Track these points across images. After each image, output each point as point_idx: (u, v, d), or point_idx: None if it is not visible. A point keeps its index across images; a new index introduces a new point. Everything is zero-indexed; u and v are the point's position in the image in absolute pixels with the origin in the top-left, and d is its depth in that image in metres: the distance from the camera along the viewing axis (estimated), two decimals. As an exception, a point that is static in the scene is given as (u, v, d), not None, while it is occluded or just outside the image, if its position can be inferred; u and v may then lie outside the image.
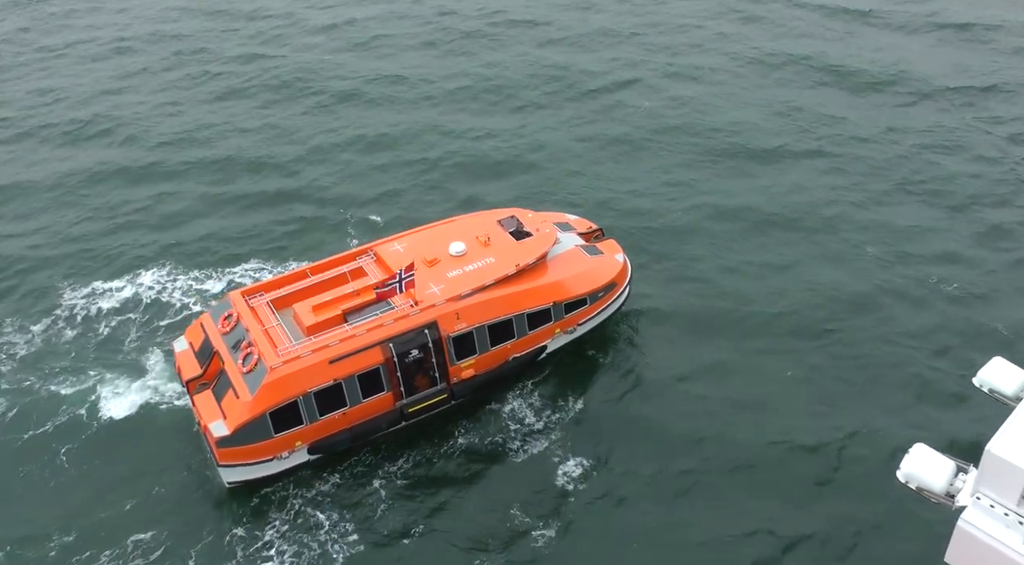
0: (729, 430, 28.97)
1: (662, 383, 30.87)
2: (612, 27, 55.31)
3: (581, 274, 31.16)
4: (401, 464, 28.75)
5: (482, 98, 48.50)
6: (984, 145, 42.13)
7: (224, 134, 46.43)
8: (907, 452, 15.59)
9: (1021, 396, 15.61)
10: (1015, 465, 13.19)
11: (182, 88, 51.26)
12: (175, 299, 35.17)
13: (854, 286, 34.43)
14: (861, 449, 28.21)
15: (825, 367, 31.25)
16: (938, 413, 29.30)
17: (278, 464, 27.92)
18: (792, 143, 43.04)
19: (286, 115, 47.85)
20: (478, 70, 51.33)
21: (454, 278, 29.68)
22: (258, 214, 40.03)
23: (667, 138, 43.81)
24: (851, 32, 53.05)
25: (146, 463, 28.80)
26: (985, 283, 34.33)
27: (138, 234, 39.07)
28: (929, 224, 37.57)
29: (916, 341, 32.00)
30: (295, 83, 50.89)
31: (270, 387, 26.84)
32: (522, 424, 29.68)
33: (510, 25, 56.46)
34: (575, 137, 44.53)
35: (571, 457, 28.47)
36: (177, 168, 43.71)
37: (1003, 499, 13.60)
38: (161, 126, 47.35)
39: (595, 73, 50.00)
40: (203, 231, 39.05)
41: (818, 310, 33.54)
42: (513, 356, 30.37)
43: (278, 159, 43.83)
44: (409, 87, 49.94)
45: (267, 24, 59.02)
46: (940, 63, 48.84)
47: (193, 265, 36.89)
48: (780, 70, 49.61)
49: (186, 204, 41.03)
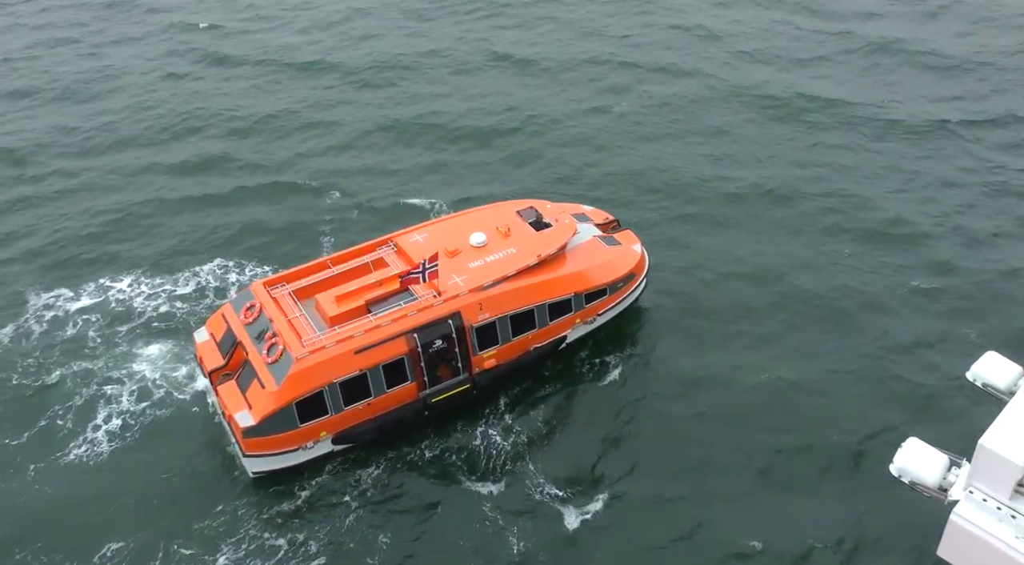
0: (717, 444, 28.76)
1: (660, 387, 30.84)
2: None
3: (601, 264, 31.30)
4: (426, 453, 28.91)
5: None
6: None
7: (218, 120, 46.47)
8: (900, 446, 15.62)
9: (1014, 390, 15.55)
10: (1008, 459, 13.18)
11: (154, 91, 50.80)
12: (175, 296, 35.04)
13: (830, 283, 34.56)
14: (866, 445, 28.31)
15: (822, 361, 31.30)
16: (931, 408, 29.35)
17: (303, 454, 27.95)
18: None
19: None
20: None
21: (476, 268, 29.75)
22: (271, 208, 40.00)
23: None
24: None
25: (163, 458, 28.76)
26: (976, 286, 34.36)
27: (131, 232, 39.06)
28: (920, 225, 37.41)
29: (911, 339, 32.09)
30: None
31: (296, 377, 26.86)
32: (524, 428, 29.71)
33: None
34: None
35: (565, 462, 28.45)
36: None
37: (996, 493, 13.58)
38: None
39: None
40: (208, 225, 39.01)
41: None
42: (534, 346, 30.50)
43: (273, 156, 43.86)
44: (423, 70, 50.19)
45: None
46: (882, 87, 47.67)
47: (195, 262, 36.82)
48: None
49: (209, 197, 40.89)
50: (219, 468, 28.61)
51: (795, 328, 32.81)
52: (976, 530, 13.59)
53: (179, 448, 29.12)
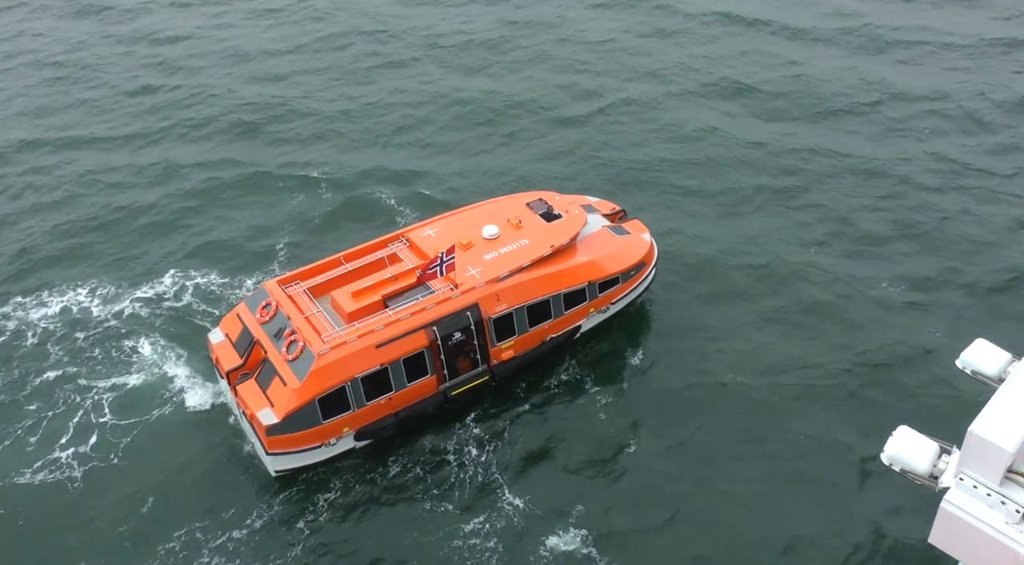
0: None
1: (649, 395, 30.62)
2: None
3: (613, 254, 31.46)
4: (449, 449, 28.89)
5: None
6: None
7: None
8: (891, 435, 15.69)
9: (1003, 377, 15.59)
10: (997, 445, 13.27)
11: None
12: (189, 297, 34.83)
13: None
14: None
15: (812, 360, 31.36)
16: (920, 394, 29.58)
17: (326, 451, 27.82)
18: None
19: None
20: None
21: (491, 260, 29.81)
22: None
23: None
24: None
25: (179, 459, 28.60)
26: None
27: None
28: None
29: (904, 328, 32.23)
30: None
31: (318, 373, 26.75)
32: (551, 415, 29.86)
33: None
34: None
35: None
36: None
37: (985, 479, 13.64)
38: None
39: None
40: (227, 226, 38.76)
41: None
42: (550, 336, 30.59)
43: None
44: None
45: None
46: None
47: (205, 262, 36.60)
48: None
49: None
50: (233, 467, 28.48)
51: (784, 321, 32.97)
52: (966, 516, 13.64)
53: (188, 449, 28.97)
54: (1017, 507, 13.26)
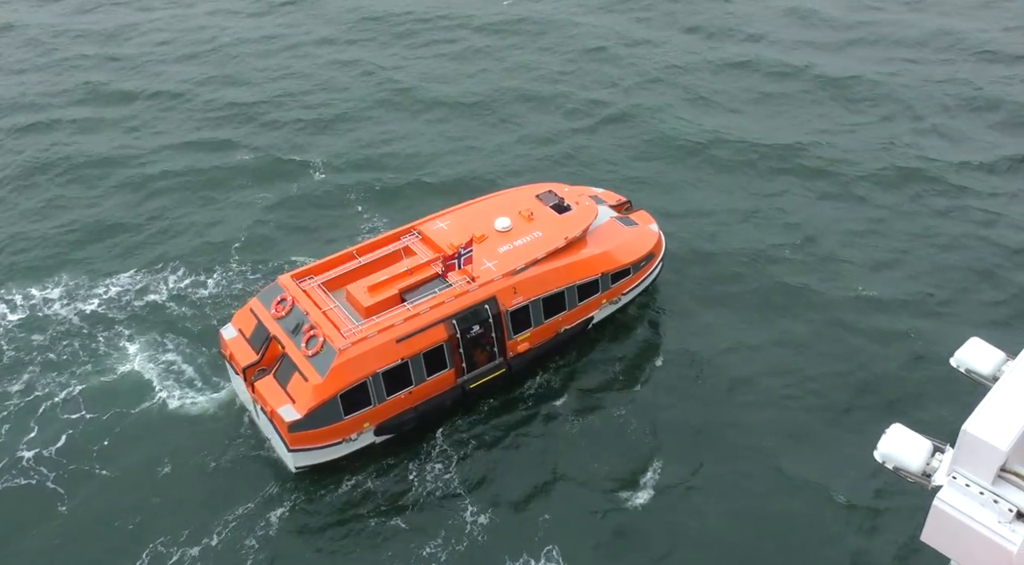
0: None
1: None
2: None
3: (623, 244, 31.66)
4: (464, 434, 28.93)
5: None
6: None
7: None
8: (884, 433, 15.34)
9: (997, 376, 15.39)
10: (991, 444, 13.15)
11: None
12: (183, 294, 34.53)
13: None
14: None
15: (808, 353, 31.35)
16: (915, 394, 29.40)
17: (347, 446, 27.71)
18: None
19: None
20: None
21: (505, 253, 29.85)
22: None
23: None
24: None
25: (192, 458, 28.43)
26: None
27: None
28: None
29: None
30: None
31: (340, 368, 26.60)
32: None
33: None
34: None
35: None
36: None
37: (979, 478, 13.47)
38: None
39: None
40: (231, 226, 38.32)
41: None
42: (564, 328, 30.73)
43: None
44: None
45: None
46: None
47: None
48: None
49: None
50: (240, 463, 28.41)
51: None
52: (959, 515, 13.50)
53: (198, 446, 28.82)
54: (1010, 506, 13.19)
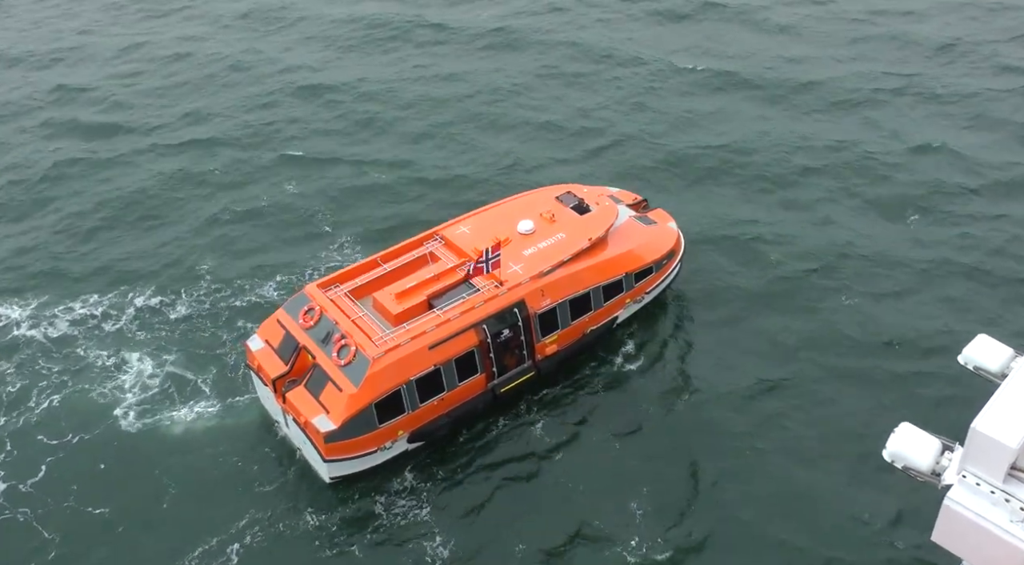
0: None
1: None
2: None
3: (645, 243, 31.72)
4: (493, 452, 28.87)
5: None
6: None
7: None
8: (892, 431, 15.44)
9: (1006, 373, 15.36)
10: (1001, 442, 13.07)
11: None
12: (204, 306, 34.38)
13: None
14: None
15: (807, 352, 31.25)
16: (921, 391, 29.35)
17: (381, 455, 27.60)
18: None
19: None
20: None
21: (531, 256, 29.84)
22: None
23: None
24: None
25: (224, 471, 28.28)
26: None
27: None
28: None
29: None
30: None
31: (374, 377, 26.48)
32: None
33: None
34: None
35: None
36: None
37: (989, 477, 13.44)
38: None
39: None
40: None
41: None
42: (590, 329, 30.77)
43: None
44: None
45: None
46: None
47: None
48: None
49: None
50: (268, 474, 28.30)
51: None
52: (970, 514, 13.43)
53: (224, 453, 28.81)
54: (1021, 505, 13.19)
